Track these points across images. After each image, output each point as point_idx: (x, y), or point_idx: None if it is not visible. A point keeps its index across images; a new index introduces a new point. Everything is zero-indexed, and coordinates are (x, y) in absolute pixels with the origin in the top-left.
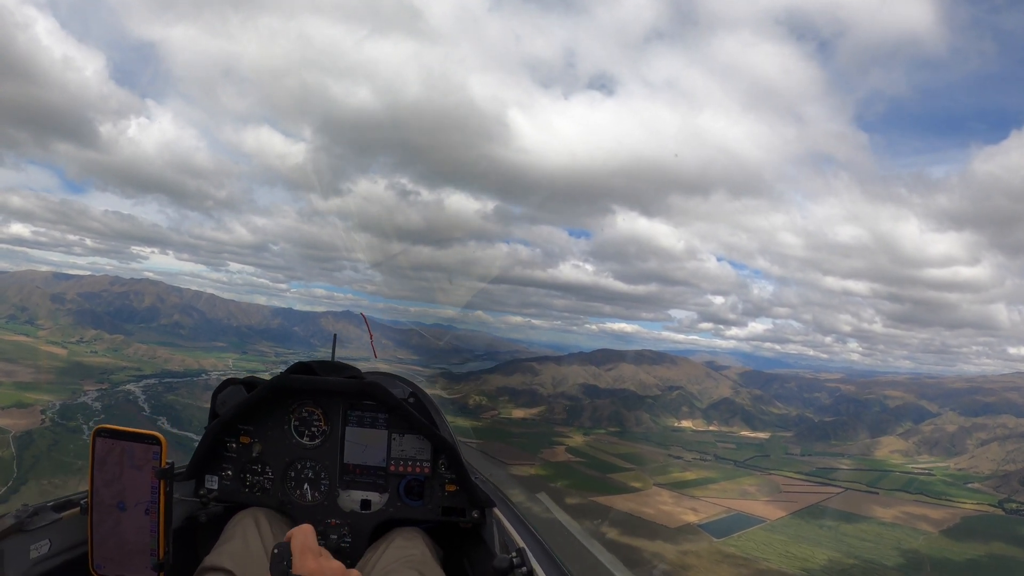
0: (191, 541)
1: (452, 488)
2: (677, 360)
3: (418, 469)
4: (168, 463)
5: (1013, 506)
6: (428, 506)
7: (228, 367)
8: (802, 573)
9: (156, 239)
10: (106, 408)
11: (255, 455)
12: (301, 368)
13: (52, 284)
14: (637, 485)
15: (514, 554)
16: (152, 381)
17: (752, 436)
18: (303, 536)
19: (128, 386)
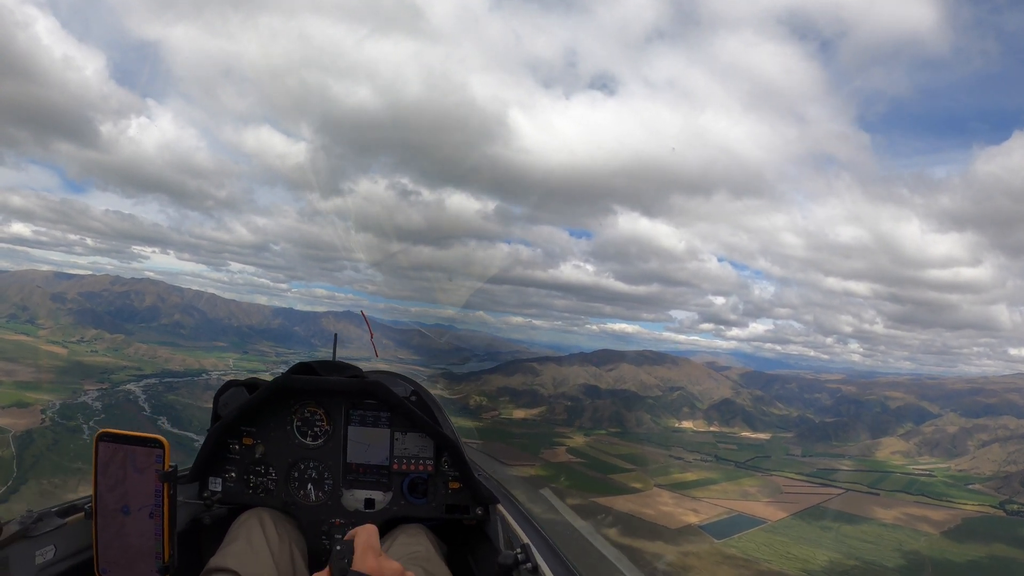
0: (196, 544)
1: (456, 485)
2: (678, 361)
3: (421, 467)
4: (171, 466)
5: (1014, 507)
6: (432, 504)
7: (229, 367)
8: (803, 574)
9: (157, 239)
10: (106, 408)
11: (258, 456)
12: (302, 368)
13: (53, 283)
14: (638, 486)
15: (519, 550)
16: (152, 381)
17: (753, 437)
18: (367, 535)
19: (128, 386)
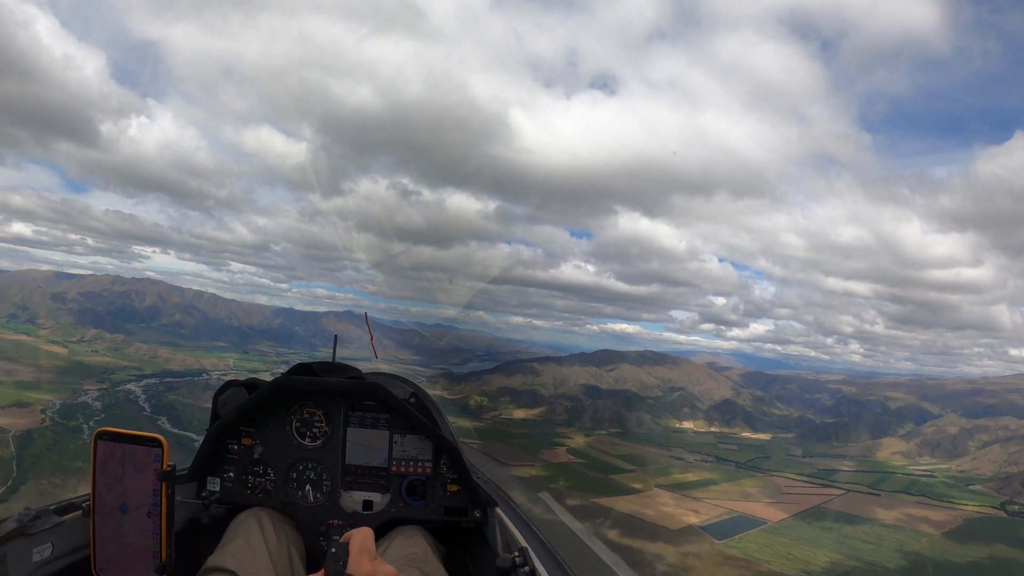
0: (193, 543)
1: (454, 488)
2: (678, 361)
3: (420, 469)
4: (170, 465)
5: (1015, 508)
6: (430, 506)
7: (229, 367)
8: (804, 575)
9: (157, 239)
10: (106, 408)
11: (257, 457)
12: (302, 369)
13: (53, 283)
14: (638, 486)
15: (516, 553)
16: (153, 381)
17: (753, 437)
18: (362, 538)
19: (129, 386)
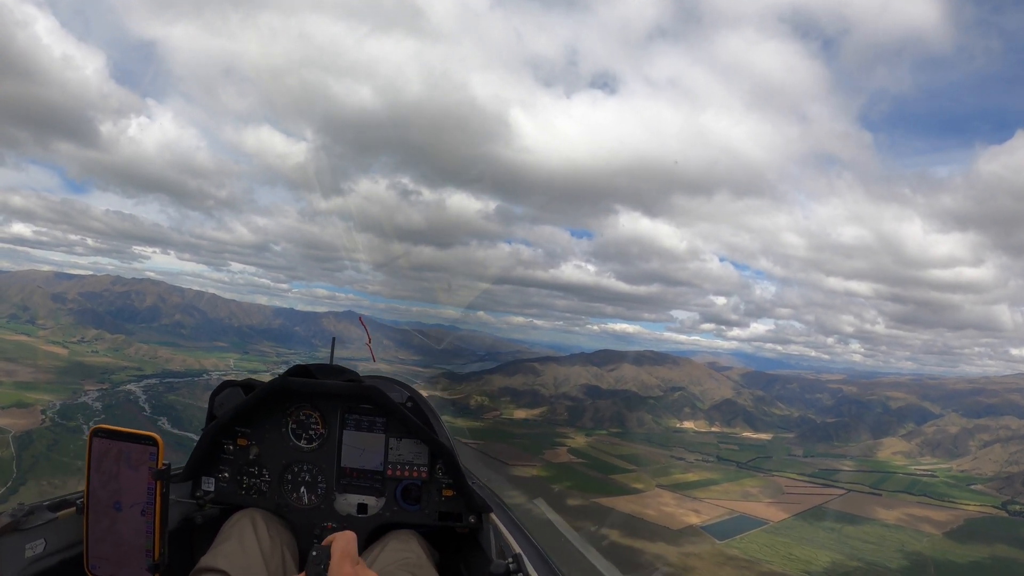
0: (187, 543)
1: (449, 493)
2: (679, 361)
3: (415, 473)
4: (165, 464)
5: (1016, 508)
6: (425, 511)
7: (229, 367)
8: (805, 575)
9: (157, 239)
10: (107, 408)
11: (252, 457)
12: (299, 371)
13: (53, 284)
14: (639, 486)
15: (510, 560)
16: (153, 381)
17: (754, 437)
18: (344, 542)
19: (129, 386)
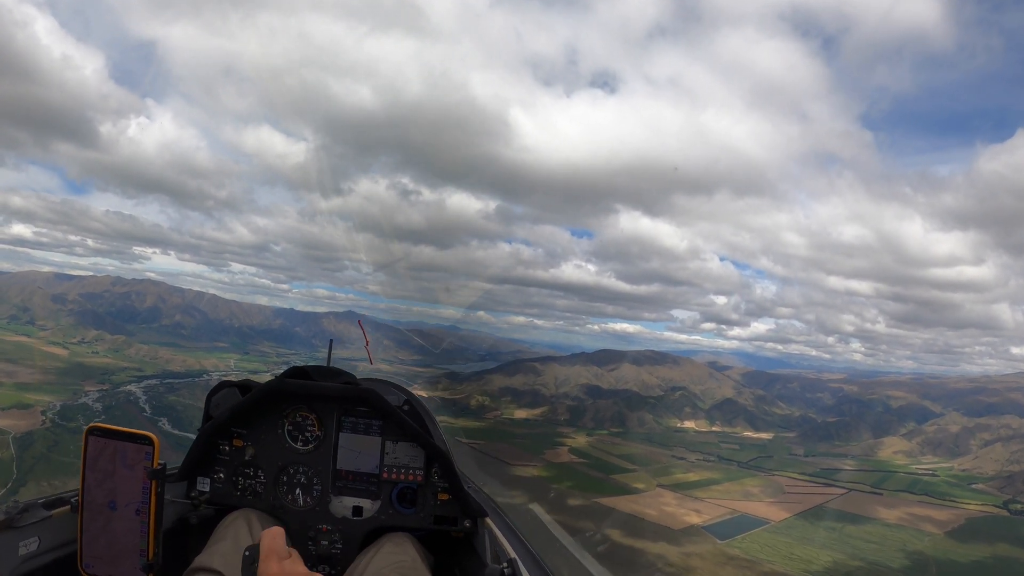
0: (181, 543)
1: (445, 497)
2: (679, 360)
3: (411, 477)
4: (160, 464)
5: (1018, 507)
6: (420, 514)
7: (230, 368)
8: (807, 575)
9: (158, 239)
10: (107, 409)
11: (248, 458)
12: (296, 372)
13: (54, 284)
14: (640, 486)
15: (505, 564)
16: (153, 382)
17: (755, 437)
18: (270, 539)
19: (129, 387)
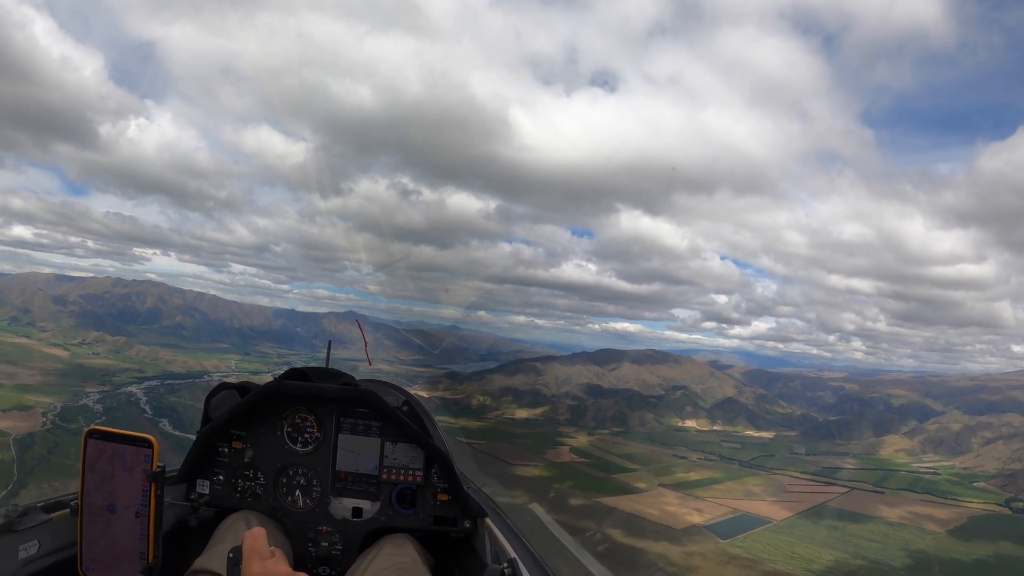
0: (181, 545)
1: (444, 497)
2: (680, 360)
3: (410, 478)
4: (159, 466)
5: (1020, 505)
6: (420, 515)
7: (231, 368)
8: (809, 574)
9: (158, 240)
10: (107, 410)
11: (247, 460)
12: (295, 374)
13: (54, 286)
14: (641, 486)
15: (505, 564)
16: (154, 383)
17: (756, 436)
18: (252, 540)
19: (130, 388)
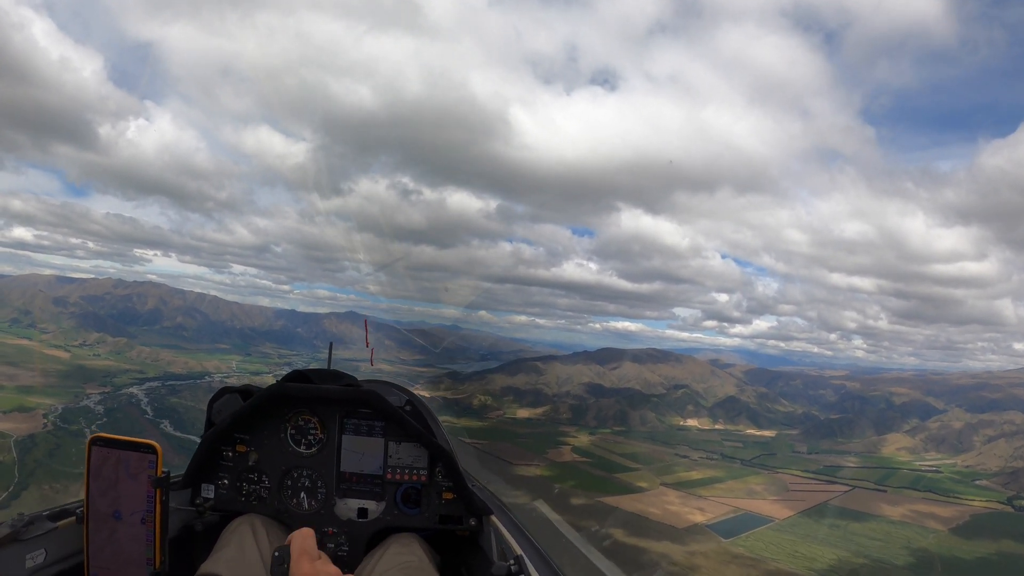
0: (187, 550)
1: (449, 496)
2: (682, 358)
3: (415, 477)
4: (164, 472)
5: (1022, 503)
6: (425, 514)
7: (232, 369)
8: (811, 573)
9: (158, 241)
10: (108, 411)
11: (251, 464)
12: (297, 376)
13: (55, 287)
14: (643, 485)
15: (512, 562)
16: (155, 384)
17: (758, 434)
18: (302, 539)
19: (131, 389)
